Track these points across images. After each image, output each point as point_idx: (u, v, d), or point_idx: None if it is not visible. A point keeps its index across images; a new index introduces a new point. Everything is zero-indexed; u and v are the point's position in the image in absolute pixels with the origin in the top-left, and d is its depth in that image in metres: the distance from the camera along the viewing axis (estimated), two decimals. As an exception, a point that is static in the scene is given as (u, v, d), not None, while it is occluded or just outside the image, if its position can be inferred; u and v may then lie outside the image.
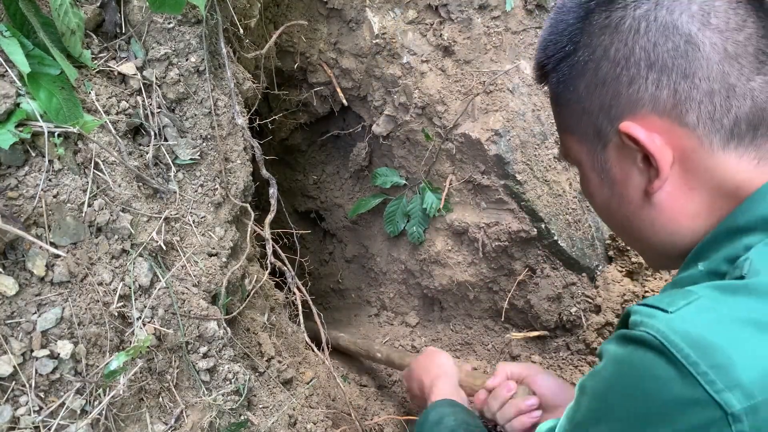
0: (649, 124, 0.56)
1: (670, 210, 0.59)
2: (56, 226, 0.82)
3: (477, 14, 1.47)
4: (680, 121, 0.55)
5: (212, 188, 1.04)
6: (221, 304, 1.00)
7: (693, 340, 0.44)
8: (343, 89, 1.68)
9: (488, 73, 1.46)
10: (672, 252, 0.62)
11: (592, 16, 0.60)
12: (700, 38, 0.54)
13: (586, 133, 0.63)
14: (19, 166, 0.81)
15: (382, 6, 1.54)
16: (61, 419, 0.81)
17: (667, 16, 0.55)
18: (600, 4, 0.59)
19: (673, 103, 0.55)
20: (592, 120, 0.61)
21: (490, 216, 1.55)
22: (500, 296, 1.64)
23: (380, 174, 1.74)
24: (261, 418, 1.03)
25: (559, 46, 0.63)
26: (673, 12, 0.55)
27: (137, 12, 0.96)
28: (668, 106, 0.55)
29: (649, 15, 0.56)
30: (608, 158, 0.62)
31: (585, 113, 0.62)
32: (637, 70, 0.56)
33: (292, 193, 2.12)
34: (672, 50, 0.54)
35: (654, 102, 0.55)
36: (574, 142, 0.66)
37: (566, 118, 0.66)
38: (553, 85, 0.66)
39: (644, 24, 0.56)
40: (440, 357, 1.21)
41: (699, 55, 0.54)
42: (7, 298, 0.79)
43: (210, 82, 1.02)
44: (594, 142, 0.63)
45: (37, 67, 0.83)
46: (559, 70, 0.64)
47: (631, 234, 0.66)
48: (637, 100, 0.56)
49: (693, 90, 0.54)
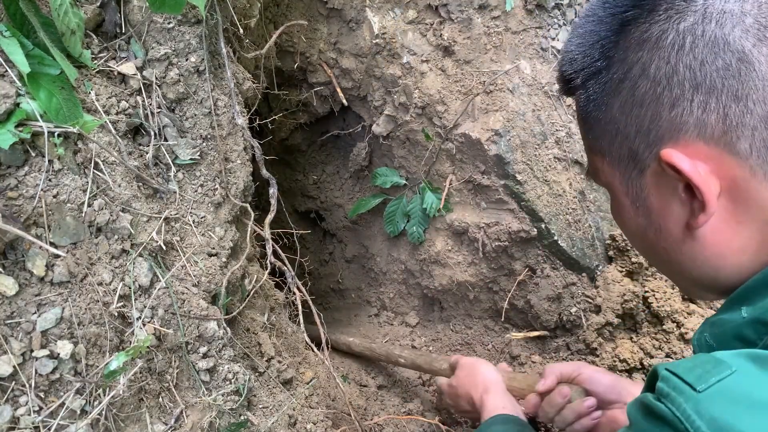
0: (694, 151, 0.50)
1: (714, 245, 0.53)
2: (56, 226, 0.82)
3: (477, 14, 1.46)
4: (730, 149, 0.49)
5: (212, 188, 1.04)
6: (221, 304, 1.00)
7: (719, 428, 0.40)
8: (343, 89, 1.68)
9: (488, 73, 1.46)
10: (713, 287, 0.57)
11: (628, 29, 0.53)
12: (755, 56, 0.47)
13: (620, 156, 0.57)
14: (19, 166, 0.81)
15: (382, 6, 1.54)
16: (61, 419, 0.81)
17: (716, 30, 0.48)
18: (638, 16, 0.53)
19: (723, 129, 0.48)
20: (628, 143, 0.55)
21: (490, 216, 1.55)
22: (500, 296, 1.64)
23: (380, 174, 1.74)
24: (261, 418, 1.03)
25: (589, 61, 0.57)
26: (723, 26, 0.48)
27: (137, 12, 0.96)
28: (716, 132, 0.49)
29: (696, 29, 0.49)
30: (645, 185, 0.56)
31: (619, 135, 0.56)
32: (681, 91, 0.49)
33: (292, 193, 2.12)
34: (722, 69, 0.48)
35: (700, 127, 0.49)
36: (606, 165, 0.60)
37: (597, 139, 0.60)
38: (581, 102, 0.60)
39: (690, 39, 0.49)
40: (482, 368, 1.20)
41: (754, 75, 0.47)
42: (7, 298, 0.79)
43: (210, 82, 1.02)
44: (629, 167, 0.56)
45: (37, 67, 0.83)
46: (589, 87, 0.58)
47: (668, 266, 0.61)
48: (680, 124, 0.50)
49: (746, 115, 0.48)
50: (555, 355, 1.60)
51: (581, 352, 1.56)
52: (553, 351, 1.61)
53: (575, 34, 0.59)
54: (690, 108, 0.49)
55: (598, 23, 0.56)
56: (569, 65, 0.60)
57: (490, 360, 1.67)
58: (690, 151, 0.50)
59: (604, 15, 0.56)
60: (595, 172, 0.63)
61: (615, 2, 0.55)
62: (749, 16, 0.48)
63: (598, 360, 1.51)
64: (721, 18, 0.48)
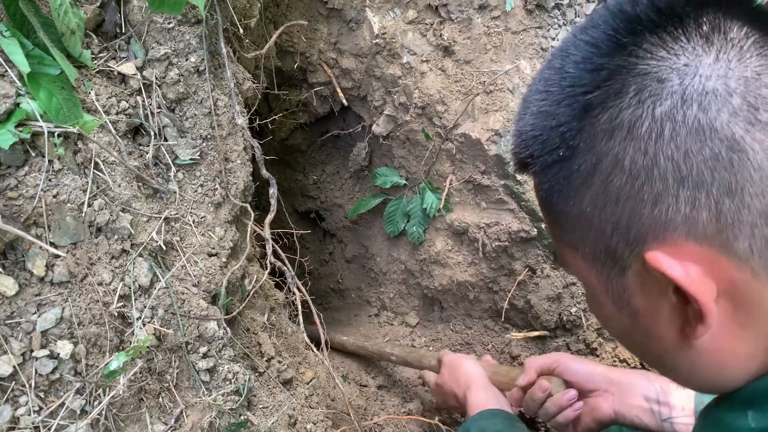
0: (684, 251, 0.43)
1: (715, 352, 0.46)
2: (56, 226, 0.82)
3: (477, 14, 1.46)
4: (727, 250, 0.42)
5: (212, 188, 1.04)
6: (221, 304, 1.00)
7: None
8: (343, 89, 1.68)
9: (488, 73, 1.46)
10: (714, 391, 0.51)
11: (593, 114, 0.45)
12: (747, 142, 0.40)
13: (595, 253, 0.49)
14: (19, 166, 0.81)
15: (382, 6, 1.54)
16: (60, 419, 0.81)
17: (700, 114, 0.41)
18: (603, 99, 0.44)
19: (717, 227, 0.41)
20: (604, 240, 0.47)
21: (490, 216, 1.55)
22: (500, 296, 1.64)
23: (380, 174, 1.74)
24: (261, 418, 1.03)
25: (548, 147, 0.48)
26: (707, 109, 0.41)
27: (137, 12, 0.96)
28: (709, 231, 0.42)
29: (675, 114, 0.41)
30: (628, 285, 0.48)
31: (593, 231, 0.47)
32: (664, 186, 0.42)
33: (292, 193, 2.12)
34: (711, 159, 0.40)
35: (690, 225, 0.42)
36: (579, 260, 0.51)
37: (565, 232, 0.51)
38: (543, 189, 0.51)
39: (669, 126, 0.41)
40: (464, 364, 1.20)
41: (748, 164, 0.40)
42: (7, 298, 0.79)
43: (210, 82, 1.02)
44: (607, 265, 0.48)
45: (37, 67, 0.83)
46: (551, 176, 0.49)
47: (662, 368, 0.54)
48: (665, 222, 0.43)
49: (742, 210, 0.41)
50: (555, 355, 1.60)
51: (581, 352, 1.56)
52: (553, 351, 1.61)
53: (529, 113, 0.50)
54: (676, 204, 0.42)
55: (555, 104, 0.47)
56: (524, 148, 0.51)
57: (490, 360, 1.67)
58: (679, 251, 0.43)
59: (562, 96, 0.47)
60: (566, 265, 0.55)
61: (574, 81, 0.46)
62: (736, 96, 0.41)
63: (599, 360, 1.51)
64: (703, 100, 0.41)
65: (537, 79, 0.51)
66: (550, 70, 0.49)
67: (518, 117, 0.53)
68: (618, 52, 0.44)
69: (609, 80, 0.44)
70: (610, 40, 0.45)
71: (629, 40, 0.44)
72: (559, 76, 0.48)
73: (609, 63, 0.44)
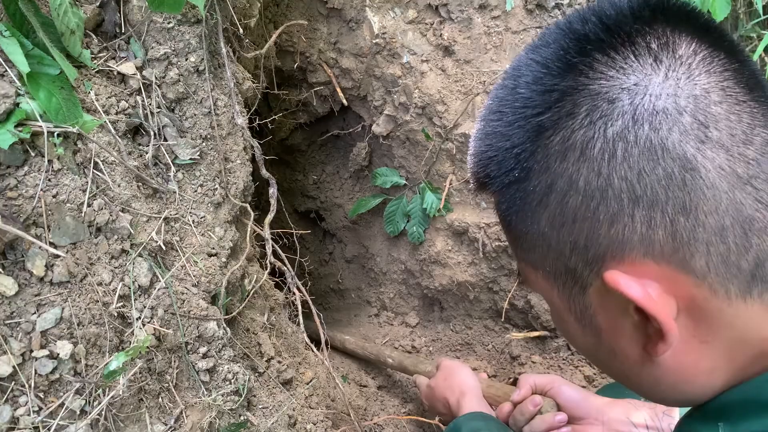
0: (642, 270, 0.43)
1: (678, 368, 0.46)
2: (56, 226, 0.82)
3: (477, 14, 1.46)
4: (684, 267, 0.42)
5: (212, 188, 1.04)
6: (221, 304, 1.00)
7: None
8: (343, 89, 1.68)
9: (488, 73, 1.46)
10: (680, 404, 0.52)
11: (546, 134, 0.44)
12: (699, 160, 0.40)
13: (556, 271, 0.49)
14: (19, 166, 0.80)
15: (382, 6, 1.54)
16: (60, 419, 0.81)
17: (651, 134, 0.41)
18: (555, 121, 0.44)
19: (673, 246, 0.42)
20: (563, 260, 0.47)
21: (490, 216, 1.55)
22: (500, 296, 1.64)
23: (380, 174, 1.74)
24: (261, 418, 1.03)
25: (503, 169, 0.48)
26: (659, 128, 0.41)
27: (137, 12, 0.96)
28: (666, 250, 0.42)
29: (627, 134, 0.41)
30: (589, 303, 0.48)
31: (551, 251, 0.47)
32: (620, 206, 0.42)
33: (292, 193, 2.12)
34: (664, 179, 0.41)
35: (647, 245, 0.42)
36: (540, 278, 0.51)
37: (525, 252, 0.51)
38: (501, 209, 0.51)
39: (622, 146, 0.41)
40: (461, 373, 1.19)
41: (701, 182, 0.40)
42: (6, 298, 0.79)
43: (210, 82, 1.02)
44: (567, 283, 0.48)
45: (36, 66, 0.83)
46: (508, 196, 0.49)
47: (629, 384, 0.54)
48: (622, 242, 0.43)
49: (697, 228, 0.41)
50: (555, 355, 1.60)
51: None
52: (553, 351, 1.61)
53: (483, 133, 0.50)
54: (632, 224, 0.42)
55: (509, 126, 0.47)
56: (481, 168, 0.51)
57: (491, 360, 1.67)
58: (637, 270, 0.43)
59: (514, 117, 0.47)
60: (529, 283, 0.55)
61: (526, 102, 0.46)
62: (686, 114, 0.41)
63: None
64: (654, 119, 0.41)
65: (491, 97, 0.51)
66: (503, 90, 0.49)
67: (474, 137, 0.52)
68: (568, 72, 0.44)
69: (560, 101, 0.44)
70: (560, 60, 0.45)
71: (579, 60, 0.44)
72: (512, 96, 0.47)
73: (560, 84, 0.44)
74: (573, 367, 1.53)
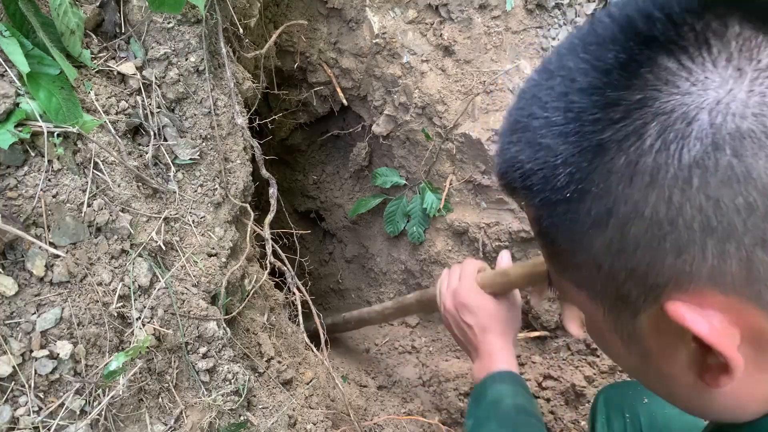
0: (708, 301, 0.40)
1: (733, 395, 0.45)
2: (56, 226, 0.82)
3: (477, 14, 1.46)
4: (756, 301, 0.39)
5: (212, 188, 1.03)
6: (221, 305, 1.00)
7: None
8: (343, 89, 1.68)
9: (488, 73, 1.46)
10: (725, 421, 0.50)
11: (608, 155, 0.40)
12: None
13: (604, 294, 0.46)
14: (19, 166, 0.80)
15: (382, 6, 1.54)
16: (60, 419, 0.81)
17: (733, 161, 0.36)
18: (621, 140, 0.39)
19: (747, 278, 0.38)
20: (615, 284, 0.44)
21: (490, 216, 1.55)
22: (500, 296, 1.64)
23: (380, 174, 1.74)
24: (261, 418, 1.03)
25: (551, 185, 0.43)
26: (742, 155, 0.36)
27: (137, 12, 0.96)
28: (738, 282, 0.39)
29: (706, 161, 0.37)
30: (640, 327, 0.45)
31: (602, 273, 0.44)
32: (690, 236, 0.38)
33: (292, 193, 2.12)
34: (744, 209, 0.37)
35: (716, 277, 0.39)
36: (583, 297, 0.48)
37: (567, 269, 0.48)
38: (543, 225, 0.46)
39: (699, 174, 0.37)
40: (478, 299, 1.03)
41: None
42: (6, 298, 0.79)
43: (210, 82, 1.02)
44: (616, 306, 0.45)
45: (36, 66, 0.83)
46: (554, 214, 0.44)
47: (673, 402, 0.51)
48: (690, 273, 0.39)
49: None
50: (555, 355, 1.60)
51: (581, 353, 1.56)
52: (553, 351, 1.61)
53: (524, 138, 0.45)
54: (702, 255, 0.38)
55: (560, 138, 0.42)
56: (521, 179, 0.45)
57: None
58: (702, 300, 0.40)
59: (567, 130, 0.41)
60: (567, 299, 0.52)
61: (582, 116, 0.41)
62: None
63: (599, 360, 1.51)
64: (737, 144, 0.36)
65: (527, 96, 0.45)
66: (548, 93, 0.43)
67: (507, 135, 0.47)
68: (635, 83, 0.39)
69: (627, 119, 0.39)
70: (624, 68, 0.39)
71: (647, 70, 0.38)
72: (563, 104, 0.42)
73: (625, 97, 0.39)
74: (573, 368, 1.53)
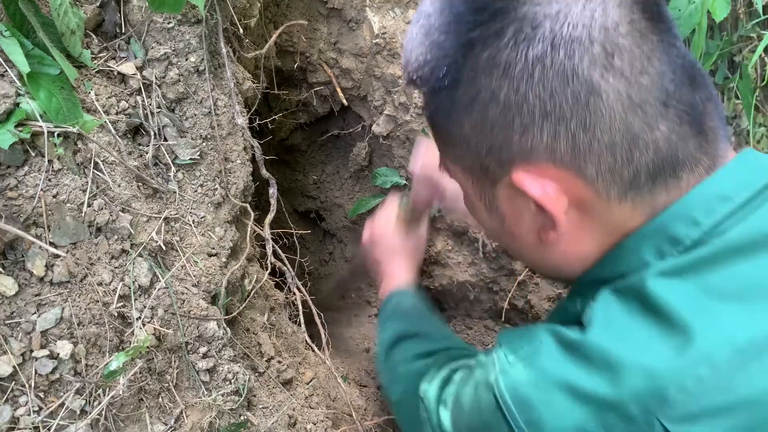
0: (544, 172, 0.51)
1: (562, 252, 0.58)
2: (56, 226, 0.82)
3: (477, 14, 1.46)
4: (578, 173, 0.51)
5: (212, 188, 1.04)
6: (221, 305, 1.00)
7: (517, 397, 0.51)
8: (343, 89, 1.68)
9: (488, 73, 1.46)
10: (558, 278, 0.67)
11: (476, 51, 0.50)
12: (602, 87, 0.47)
13: (472, 167, 0.58)
14: (19, 166, 0.81)
15: (382, 6, 1.54)
16: (60, 419, 0.81)
17: (565, 60, 0.47)
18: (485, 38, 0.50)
19: (572, 155, 0.50)
20: (479, 159, 0.55)
21: (490, 216, 1.55)
22: (500, 296, 1.64)
23: (380, 174, 1.74)
24: (261, 418, 1.03)
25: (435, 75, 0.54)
26: (572, 56, 0.47)
27: (137, 12, 0.96)
28: (566, 158, 0.50)
29: (545, 59, 0.47)
30: (497, 195, 0.57)
31: (470, 150, 0.56)
32: (532, 119, 0.49)
33: (292, 193, 2.11)
34: (571, 99, 0.48)
35: (550, 152, 0.50)
36: (458, 171, 0.61)
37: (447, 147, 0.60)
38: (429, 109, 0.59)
39: (539, 69, 0.48)
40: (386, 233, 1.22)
41: (601, 105, 0.48)
42: (6, 298, 0.79)
43: (210, 82, 1.02)
44: (480, 177, 0.58)
45: (36, 67, 0.83)
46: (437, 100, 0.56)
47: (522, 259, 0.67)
48: (531, 149, 0.51)
49: (593, 142, 0.49)
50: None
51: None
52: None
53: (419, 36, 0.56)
54: (540, 135, 0.50)
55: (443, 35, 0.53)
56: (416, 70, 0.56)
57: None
58: (540, 171, 0.51)
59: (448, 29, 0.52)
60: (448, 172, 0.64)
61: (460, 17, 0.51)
62: (596, 44, 0.47)
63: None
64: (569, 47, 0.47)
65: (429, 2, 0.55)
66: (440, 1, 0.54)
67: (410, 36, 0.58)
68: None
69: (491, 21, 0.49)
70: None
71: None
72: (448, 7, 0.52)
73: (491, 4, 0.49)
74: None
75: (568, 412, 0.47)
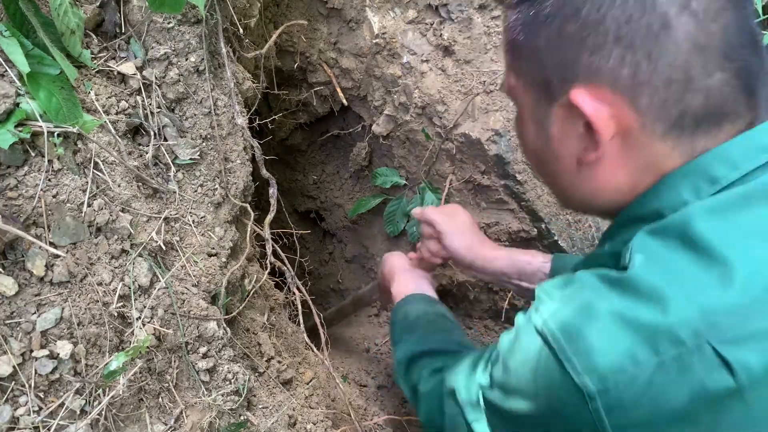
0: (601, 94, 0.54)
1: (596, 179, 0.59)
2: (56, 226, 0.82)
3: (477, 14, 1.46)
4: (632, 101, 0.53)
5: (212, 188, 1.04)
6: (221, 304, 1.00)
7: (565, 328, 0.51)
8: (343, 89, 1.68)
9: (488, 73, 1.46)
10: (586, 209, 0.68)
11: None
12: (675, 23, 0.50)
13: (534, 81, 0.60)
14: (19, 166, 0.80)
15: (382, 6, 1.54)
16: (60, 419, 0.81)
17: None
18: None
19: (631, 83, 0.52)
20: (545, 73, 0.58)
21: (490, 216, 1.55)
22: (500, 296, 1.64)
23: (380, 174, 1.74)
24: (261, 418, 1.03)
25: None
26: None
27: (137, 12, 0.96)
28: (625, 85, 0.53)
29: None
30: (550, 113, 0.60)
31: (539, 63, 0.58)
32: (604, 41, 0.52)
33: (292, 193, 2.12)
34: (644, 29, 0.50)
35: (612, 77, 0.53)
36: (520, 85, 0.63)
37: (517, 60, 0.63)
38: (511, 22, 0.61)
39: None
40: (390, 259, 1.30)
41: (669, 40, 0.50)
42: (6, 298, 0.79)
43: (210, 82, 1.02)
44: (540, 93, 0.60)
45: (36, 66, 0.83)
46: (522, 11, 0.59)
47: (552, 184, 0.68)
48: (596, 69, 0.53)
49: (653, 75, 0.51)
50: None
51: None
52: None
53: None
54: (608, 58, 0.52)
55: None
56: None
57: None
58: (598, 93, 0.54)
59: None
60: (510, 89, 0.67)
61: None
62: None
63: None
64: None
65: None
66: None
67: None
68: None
69: None
70: None
71: None
72: None
73: None
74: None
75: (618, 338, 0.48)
